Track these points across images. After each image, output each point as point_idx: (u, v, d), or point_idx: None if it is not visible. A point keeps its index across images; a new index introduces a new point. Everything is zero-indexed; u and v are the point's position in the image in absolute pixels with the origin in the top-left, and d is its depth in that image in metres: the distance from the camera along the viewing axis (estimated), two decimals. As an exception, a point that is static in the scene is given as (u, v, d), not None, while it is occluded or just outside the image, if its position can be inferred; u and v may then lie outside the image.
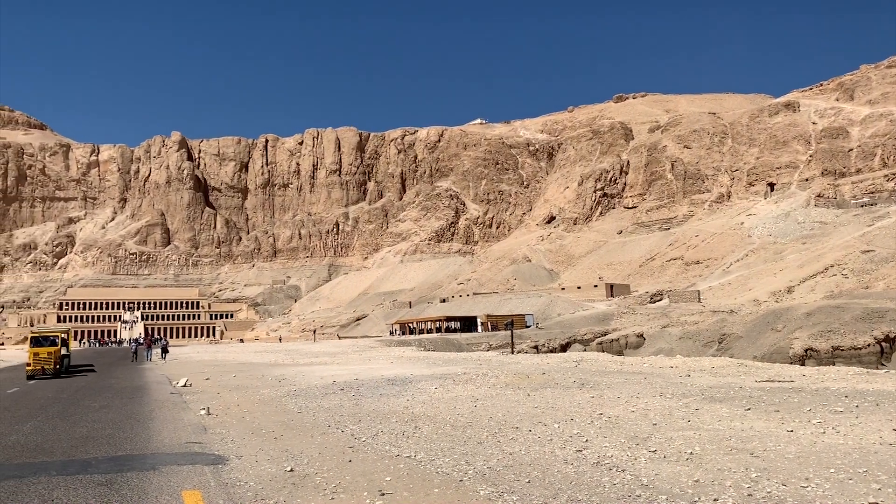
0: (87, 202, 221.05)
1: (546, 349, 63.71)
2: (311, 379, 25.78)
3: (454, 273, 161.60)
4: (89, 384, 27.71)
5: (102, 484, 8.99)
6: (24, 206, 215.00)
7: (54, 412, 17.70)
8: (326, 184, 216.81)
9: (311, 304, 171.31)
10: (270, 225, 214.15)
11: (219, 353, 63.64)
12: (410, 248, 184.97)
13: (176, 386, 25.57)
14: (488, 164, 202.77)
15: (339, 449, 11.12)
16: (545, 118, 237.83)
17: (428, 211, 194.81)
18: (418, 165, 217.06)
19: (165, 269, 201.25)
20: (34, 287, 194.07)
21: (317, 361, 40.62)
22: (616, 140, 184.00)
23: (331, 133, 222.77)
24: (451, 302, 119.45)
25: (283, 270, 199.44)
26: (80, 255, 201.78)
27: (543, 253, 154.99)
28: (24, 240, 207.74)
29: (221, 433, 13.38)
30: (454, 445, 10.99)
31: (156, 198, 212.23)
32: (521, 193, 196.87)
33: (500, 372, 24.34)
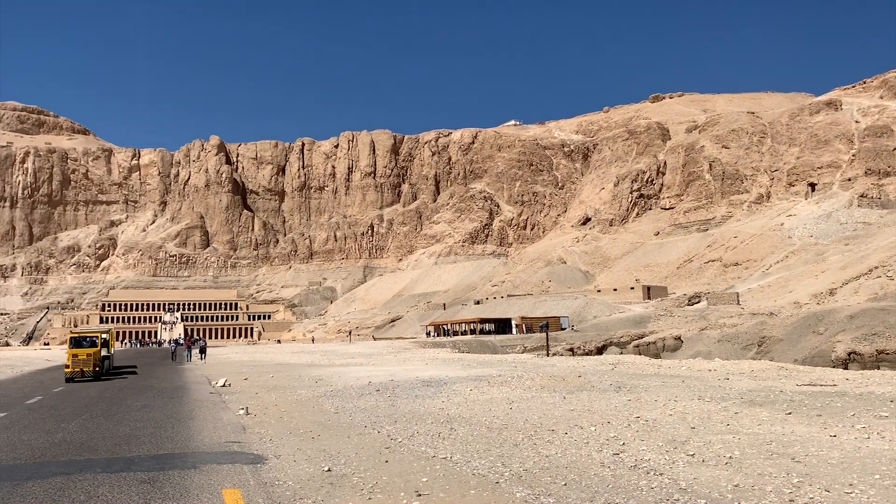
0: (129, 205, 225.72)
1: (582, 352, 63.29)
2: (347, 380, 25.96)
3: (488, 275, 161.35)
4: (131, 384, 28.29)
5: (145, 482, 9.19)
6: (68, 209, 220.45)
7: (98, 411, 18.11)
8: (361, 186, 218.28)
9: (346, 306, 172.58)
10: (307, 227, 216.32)
11: (256, 353, 64.44)
12: (444, 250, 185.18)
13: (215, 386, 25.96)
14: (522, 165, 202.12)
15: (375, 449, 11.19)
16: (580, 119, 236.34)
17: (462, 213, 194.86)
18: (452, 167, 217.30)
19: (204, 271, 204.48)
20: (78, 288, 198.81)
21: (352, 362, 40.89)
22: (653, 140, 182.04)
23: (365, 136, 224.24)
24: (486, 304, 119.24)
25: (319, 272, 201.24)
26: (121, 257, 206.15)
27: (579, 255, 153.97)
28: (68, 242, 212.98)
29: (260, 433, 13.56)
30: (490, 447, 10.99)
31: (195, 201, 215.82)
32: (555, 195, 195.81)
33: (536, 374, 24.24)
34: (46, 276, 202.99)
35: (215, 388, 24.99)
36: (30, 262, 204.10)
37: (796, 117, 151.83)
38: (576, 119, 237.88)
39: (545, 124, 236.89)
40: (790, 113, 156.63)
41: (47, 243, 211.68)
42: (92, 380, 30.36)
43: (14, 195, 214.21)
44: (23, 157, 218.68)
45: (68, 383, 29.27)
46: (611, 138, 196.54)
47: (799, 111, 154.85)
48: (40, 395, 24.03)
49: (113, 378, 31.87)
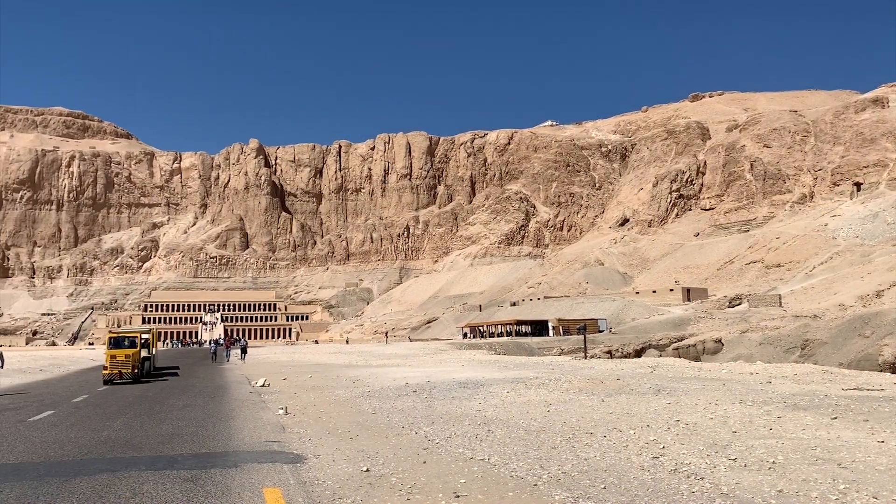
0: (170, 208, 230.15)
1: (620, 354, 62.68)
2: (384, 380, 26.08)
3: (524, 276, 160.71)
4: (173, 383, 28.82)
5: (188, 480, 9.34)
6: (111, 212, 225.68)
7: (141, 410, 18.49)
8: (397, 188, 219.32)
9: (382, 307, 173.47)
10: (343, 229, 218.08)
11: (295, 353, 65.12)
12: (480, 252, 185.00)
13: (255, 386, 26.30)
14: (559, 166, 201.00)
15: (413, 450, 11.23)
16: (618, 119, 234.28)
17: (498, 214, 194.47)
18: (488, 168, 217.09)
19: (244, 273, 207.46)
20: (121, 289, 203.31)
21: (389, 363, 41.08)
22: (692, 140, 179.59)
23: (401, 138, 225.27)
24: (522, 305, 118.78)
25: (355, 273, 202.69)
26: (163, 258, 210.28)
27: (617, 256, 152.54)
28: (111, 244, 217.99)
29: (299, 432, 13.71)
30: (528, 449, 10.95)
31: (235, 203, 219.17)
32: (593, 195, 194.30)
33: (573, 377, 24.08)
34: (91, 278, 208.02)
35: (255, 388, 25.32)
36: (75, 263, 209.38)
37: (841, 115, 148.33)
38: (613, 119, 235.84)
39: (582, 124, 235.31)
40: (835, 111, 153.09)
41: (92, 245, 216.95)
42: (131, 382, 28.90)
43: (60, 198, 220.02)
44: (68, 162, 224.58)
45: (106, 385, 27.91)
46: (649, 138, 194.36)
47: (844, 109, 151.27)
48: (86, 393, 24.61)
49: (153, 381, 30.26)
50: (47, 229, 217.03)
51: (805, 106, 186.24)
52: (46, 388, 28.02)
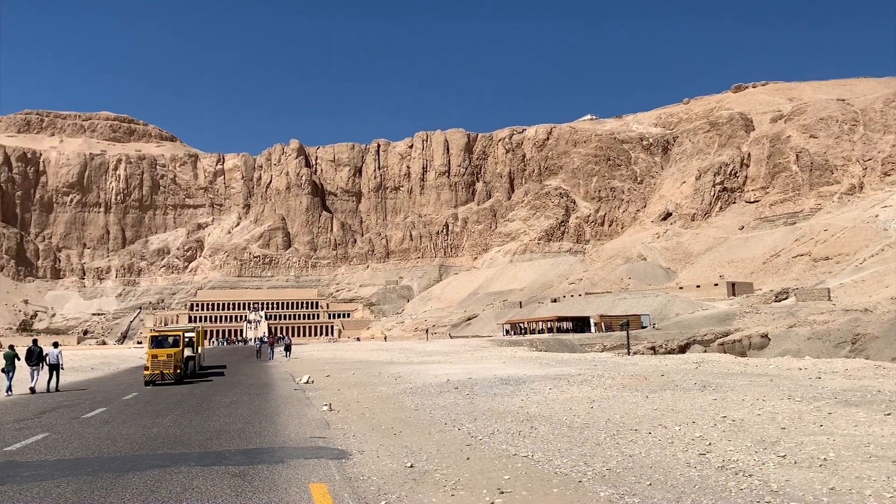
0: (214, 208, 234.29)
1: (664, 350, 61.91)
2: (425, 377, 26.20)
3: (565, 272, 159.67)
4: (219, 381, 29.34)
5: (236, 475, 9.52)
6: (157, 213, 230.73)
7: (189, 407, 18.89)
8: (436, 185, 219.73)
9: (422, 304, 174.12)
10: (383, 227, 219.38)
11: (337, 351, 65.77)
12: (520, 248, 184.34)
13: (299, 383, 26.66)
14: (599, 160, 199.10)
15: (456, 446, 11.27)
16: (659, 111, 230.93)
17: (537, 210, 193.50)
18: (527, 164, 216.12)
19: (286, 271, 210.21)
20: (168, 289, 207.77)
21: (430, 360, 41.23)
22: (735, 132, 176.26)
23: (439, 135, 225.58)
24: (563, 302, 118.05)
25: (395, 271, 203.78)
26: (208, 258, 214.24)
27: (659, 251, 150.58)
28: (158, 245, 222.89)
29: (343, 429, 13.87)
30: (571, 446, 10.91)
31: (277, 203, 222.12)
32: (634, 190, 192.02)
33: (617, 373, 23.87)
34: (138, 278, 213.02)
35: (299, 385, 25.67)
36: (123, 264, 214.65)
37: (891, 103, 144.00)
38: (654, 112, 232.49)
39: (622, 118, 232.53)
40: (885, 98, 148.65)
41: (139, 246, 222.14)
42: (174, 383, 27.45)
43: (108, 201, 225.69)
44: (115, 165, 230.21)
45: (148, 387, 26.51)
46: (691, 130, 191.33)
47: (894, 96, 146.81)
48: (136, 391, 25.22)
49: (197, 382, 28.82)
50: (96, 231, 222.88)
51: (853, 94, 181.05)
52: (98, 386, 28.82)
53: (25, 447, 12.46)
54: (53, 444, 12.79)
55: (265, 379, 30.11)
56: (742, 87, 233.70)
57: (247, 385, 26.50)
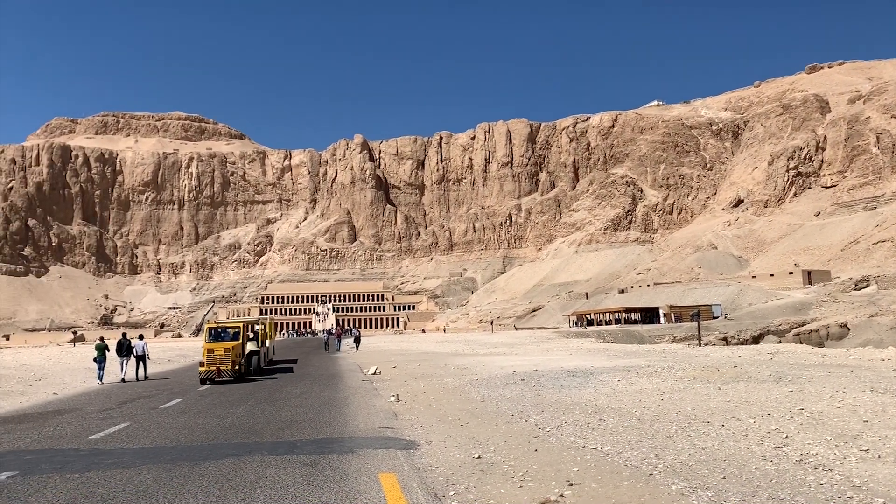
0: (282, 204, 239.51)
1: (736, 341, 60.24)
2: (491, 369, 26.19)
3: (632, 263, 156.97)
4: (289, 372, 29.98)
5: (307, 464, 9.72)
6: (228, 209, 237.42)
7: (261, 397, 19.39)
8: (498, 177, 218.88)
9: (486, 296, 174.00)
10: (446, 219, 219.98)
11: (403, 342, 66.45)
12: (585, 238, 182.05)
13: (366, 374, 27.05)
14: (667, 147, 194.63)
15: (523, 438, 11.22)
16: (729, 95, 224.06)
17: (603, 199, 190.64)
18: (591, 153, 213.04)
19: (352, 264, 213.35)
20: (239, 283, 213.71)
21: (495, 352, 41.20)
22: (810, 114, 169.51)
23: (502, 126, 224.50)
24: (630, 293, 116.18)
25: (459, 263, 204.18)
26: (277, 252, 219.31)
27: (731, 239, 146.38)
28: (229, 240, 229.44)
29: (411, 419, 13.99)
30: (641, 439, 10.72)
31: (342, 197, 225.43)
32: (704, 177, 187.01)
33: (687, 365, 23.35)
34: (211, 273, 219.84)
35: (367, 376, 26.04)
36: (196, 259, 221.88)
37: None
38: (724, 96, 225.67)
39: (690, 103, 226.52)
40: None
41: (211, 242, 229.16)
42: (233, 380, 24.89)
43: (181, 198, 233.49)
44: (187, 163, 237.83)
45: (204, 385, 24.19)
46: (763, 114, 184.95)
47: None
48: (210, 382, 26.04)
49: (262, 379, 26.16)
50: (170, 228, 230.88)
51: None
52: (175, 377, 29.89)
53: (108, 435, 13.02)
54: (134, 432, 13.32)
55: (333, 370, 30.64)
56: (817, 68, 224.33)
57: (316, 376, 27.03)
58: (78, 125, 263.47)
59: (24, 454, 11.26)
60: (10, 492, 8.55)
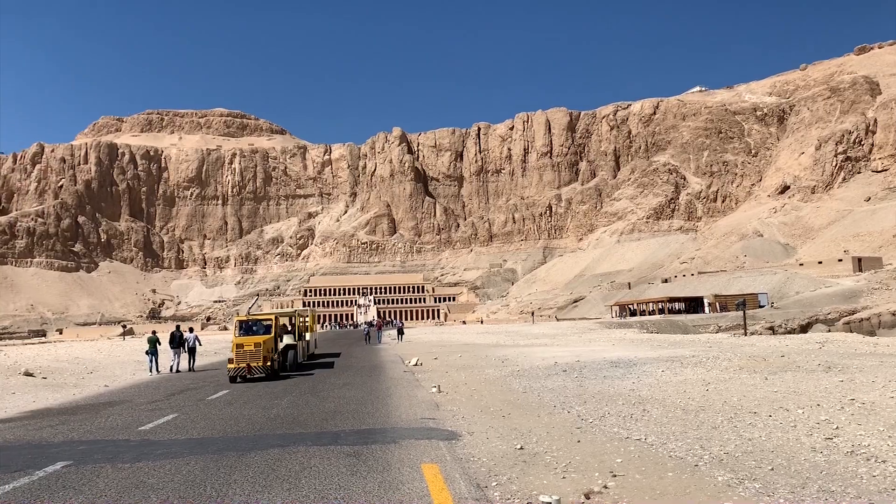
0: (323, 197, 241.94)
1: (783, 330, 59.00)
2: (532, 360, 26.10)
3: (676, 252, 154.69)
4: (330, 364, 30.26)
5: (351, 455, 9.82)
6: (270, 204, 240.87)
7: (305, 389, 19.65)
8: (538, 167, 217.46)
9: (527, 287, 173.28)
10: (485, 210, 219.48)
11: (444, 334, 66.62)
12: (627, 228, 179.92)
13: (408, 365, 27.20)
14: (710, 133, 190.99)
15: (566, 429, 11.17)
16: (773, 79, 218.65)
17: (644, 188, 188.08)
18: (632, 141, 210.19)
19: (392, 257, 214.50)
20: (282, 276, 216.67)
21: (537, 343, 41.05)
22: (859, 97, 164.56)
23: (540, 115, 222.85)
24: (674, 282, 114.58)
25: (499, 254, 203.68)
26: (319, 246, 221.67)
27: (777, 226, 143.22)
28: (272, 234, 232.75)
29: (452, 410, 14.02)
30: (686, 429, 10.58)
31: (381, 190, 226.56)
32: (748, 163, 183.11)
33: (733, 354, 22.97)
34: (255, 266, 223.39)
35: (408, 367, 26.18)
36: (241, 253, 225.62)
37: None
38: (769, 80, 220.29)
39: (734, 88, 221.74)
40: None
41: (255, 236, 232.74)
42: (265, 377, 22.82)
43: (225, 193, 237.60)
44: (230, 159, 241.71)
45: (234, 383, 22.20)
46: (810, 98, 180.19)
47: None
48: (256, 373, 26.43)
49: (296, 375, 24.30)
50: (215, 223, 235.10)
51: None
52: (221, 369, 30.41)
53: (157, 427, 13.33)
54: (182, 424, 13.62)
55: (375, 361, 30.88)
56: (867, 49, 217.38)
57: (358, 367, 27.28)
58: (124, 123, 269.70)
59: (78, 445, 11.60)
60: (65, 481, 8.82)
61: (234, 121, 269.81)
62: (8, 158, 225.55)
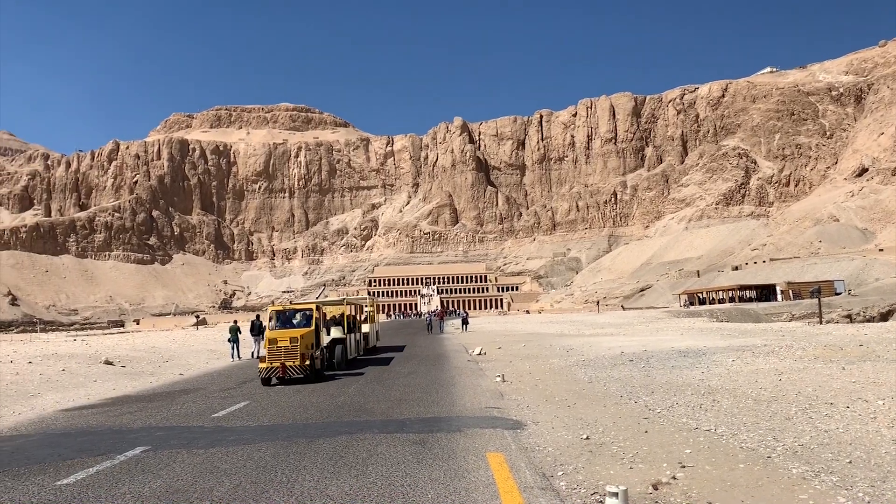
0: (386, 189, 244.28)
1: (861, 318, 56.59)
2: (598, 349, 25.82)
3: (746, 238, 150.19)
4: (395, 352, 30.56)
5: (417, 442, 9.92)
6: (335, 196, 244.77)
7: (371, 377, 19.93)
8: (602, 153, 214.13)
9: (592, 276, 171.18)
10: (548, 199, 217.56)
11: (507, 323, 66.51)
12: (695, 214, 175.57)
13: (472, 354, 27.27)
14: (782, 115, 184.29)
15: (633, 419, 11.02)
16: (850, 57, 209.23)
17: (713, 173, 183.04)
18: (700, 125, 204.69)
19: (455, 246, 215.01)
20: (347, 267, 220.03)
21: (602, 332, 40.56)
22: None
23: (604, 101, 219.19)
24: (745, 269, 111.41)
25: (562, 243, 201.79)
26: (382, 236, 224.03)
27: (854, 210, 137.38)
28: (337, 226, 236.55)
29: (517, 399, 14.00)
30: (758, 420, 10.30)
31: (443, 181, 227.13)
32: (823, 145, 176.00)
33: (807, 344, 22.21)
34: (321, 257, 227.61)
35: (472, 357, 26.25)
36: (307, 245, 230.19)
37: None
38: (845, 58, 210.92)
39: (807, 68, 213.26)
40: None
41: (320, 228, 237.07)
42: (301, 378, 19.34)
43: (291, 186, 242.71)
44: (296, 152, 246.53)
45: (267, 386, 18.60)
46: (890, 75, 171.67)
47: None
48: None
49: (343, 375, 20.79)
50: (282, 215, 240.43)
51: None
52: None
53: (230, 414, 13.75)
54: (253, 411, 14.00)
55: (439, 350, 31.05)
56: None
57: (423, 357, 27.49)
58: (194, 120, 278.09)
59: (155, 430, 12.07)
60: (144, 465, 9.20)
61: (299, 115, 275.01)
62: (87, 156, 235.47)
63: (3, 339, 61.29)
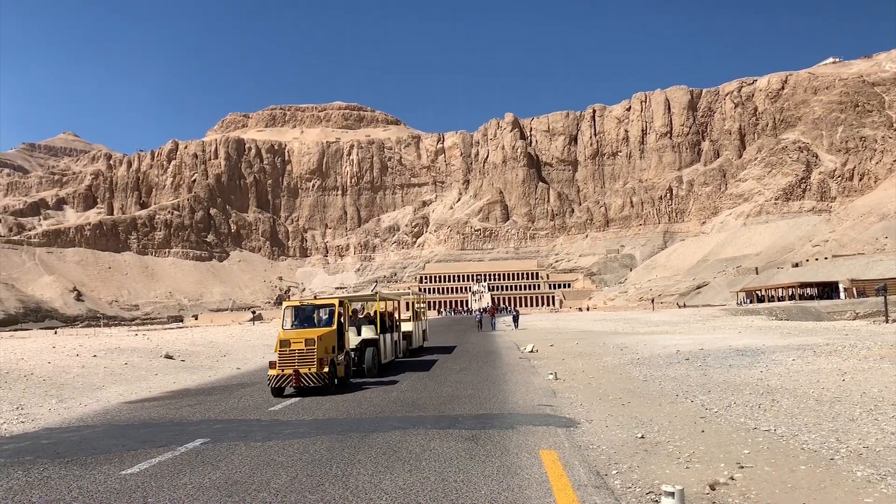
0: (437, 186, 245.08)
1: (930, 317, 54.37)
2: (653, 348, 25.45)
3: (807, 234, 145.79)
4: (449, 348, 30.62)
5: (469, 439, 9.95)
6: (387, 193, 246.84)
7: (423, 373, 20.04)
8: (657, 148, 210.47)
9: (646, 273, 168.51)
10: (601, 195, 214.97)
11: (559, 321, 66.03)
12: (754, 210, 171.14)
13: (523, 352, 27.17)
14: (845, 107, 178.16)
15: (689, 419, 10.84)
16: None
17: (772, 167, 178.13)
18: (759, 118, 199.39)
19: (506, 243, 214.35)
20: (399, 263, 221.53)
21: (657, 330, 39.94)
22: None
23: (659, 94, 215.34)
24: (805, 266, 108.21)
25: (616, 240, 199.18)
26: (433, 233, 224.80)
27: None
28: (388, 223, 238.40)
29: (570, 397, 13.91)
30: (820, 421, 10.01)
31: (494, 177, 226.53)
32: (889, 138, 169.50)
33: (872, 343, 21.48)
34: (373, 254, 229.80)
35: (524, 354, 26.15)
36: (359, 241, 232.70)
37: None
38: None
39: (872, 57, 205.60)
40: None
41: (372, 225, 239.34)
42: (320, 389, 16.05)
43: (344, 184, 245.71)
44: (349, 150, 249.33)
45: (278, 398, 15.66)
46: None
47: None
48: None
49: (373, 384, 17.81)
50: (335, 212, 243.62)
51: None
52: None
53: (286, 408, 14.02)
54: (308, 405, 14.24)
55: (491, 347, 31.03)
56: None
57: (474, 353, 27.51)
58: (249, 119, 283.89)
59: (214, 423, 12.38)
60: (203, 457, 9.45)
61: (351, 113, 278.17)
62: (147, 155, 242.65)
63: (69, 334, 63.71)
